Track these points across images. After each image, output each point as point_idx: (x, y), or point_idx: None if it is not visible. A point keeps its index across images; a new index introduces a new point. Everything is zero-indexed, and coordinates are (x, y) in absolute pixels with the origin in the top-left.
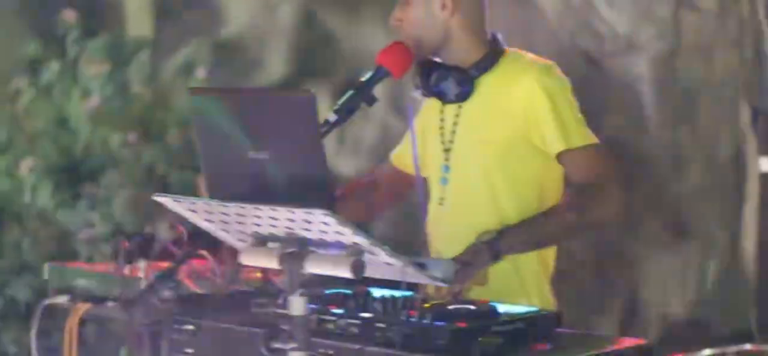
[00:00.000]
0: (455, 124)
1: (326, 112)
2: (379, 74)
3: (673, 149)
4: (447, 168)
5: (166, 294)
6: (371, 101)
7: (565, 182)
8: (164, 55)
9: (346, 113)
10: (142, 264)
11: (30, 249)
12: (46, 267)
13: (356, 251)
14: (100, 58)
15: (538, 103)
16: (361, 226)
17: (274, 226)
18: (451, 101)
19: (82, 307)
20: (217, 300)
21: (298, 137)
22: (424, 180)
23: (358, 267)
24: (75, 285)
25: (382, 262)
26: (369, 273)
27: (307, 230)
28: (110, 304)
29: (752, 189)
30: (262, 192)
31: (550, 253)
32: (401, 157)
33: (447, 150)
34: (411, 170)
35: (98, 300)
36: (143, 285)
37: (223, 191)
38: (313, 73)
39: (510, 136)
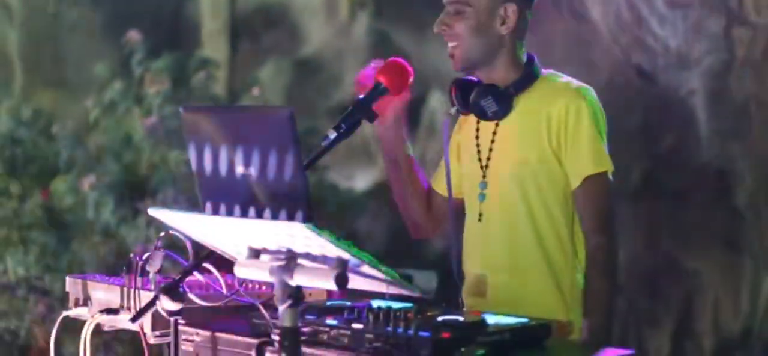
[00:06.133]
0: (492, 141)
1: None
2: (378, 91)
3: (726, 164)
4: (484, 185)
5: (172, 305)
6: (372, 117)
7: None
8: (241, 74)
9: (346, 129)
10: (152, 277)
11: (92, 263)
12: (67, 280)
13: (340, 264)
14: (161, 77)
15: (572, 123)
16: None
17: (265, 240)
18: (489, 119)
19: (97, 318)
20: (223, 312)
21: (278, 153)
22: (461, 201)
23: (341, 279)
24: (92, 297)
25: (368, 274)
26: (356, 285)
27: (294, 243)
28: (121, 316)
29: None
30: (251, 206)
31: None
32: (437, 181)
33: (484, 167)
34: (445, 192)
35: (112, 311)
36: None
37: (217, 206)
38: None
39: (544, 155)
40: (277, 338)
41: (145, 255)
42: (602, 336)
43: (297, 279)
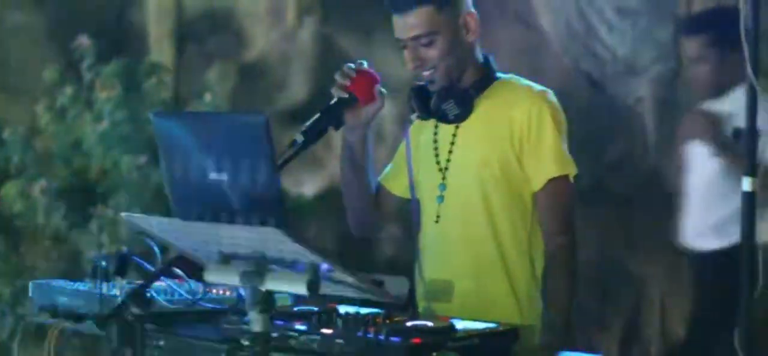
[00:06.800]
0: (452, 144)
1: None
2: (347, 100)
3: (673, 170)
4: (443, 187)
5: (138, 310)
6: (338, 124)
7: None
8: (187, 79)
9: (313, 135)
10: (118, 282)
11: (42, 268)
12: (31, 285)
13: (312, 269)
14: (112, 82)
15: (535, 127)
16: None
17: (236, 245)
18: (451, 122)
19: (62, 324)
20: (190, 317)
21: (253, 158)
22: (418, 202)
23: (313, 284)
24: (57, 303)
25: (339, 280)
26: (328, 290)
27: (266, 248)
28: (87, 321)
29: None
30: (222, 212)
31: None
32: (390, 179)
33: (443, 169)
34: (398, 192)
35: (77, 317)
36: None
37: (188, 211)
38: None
39: (506, 157)
40: (247, 343)
41: (111, 260)
42: (562, 332)
43: (268, 284)
